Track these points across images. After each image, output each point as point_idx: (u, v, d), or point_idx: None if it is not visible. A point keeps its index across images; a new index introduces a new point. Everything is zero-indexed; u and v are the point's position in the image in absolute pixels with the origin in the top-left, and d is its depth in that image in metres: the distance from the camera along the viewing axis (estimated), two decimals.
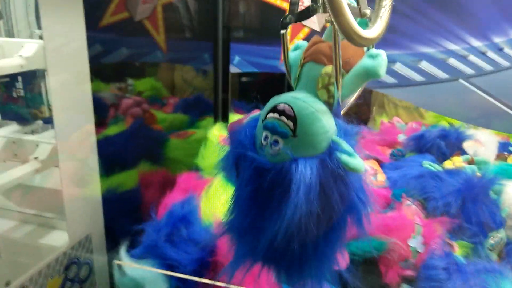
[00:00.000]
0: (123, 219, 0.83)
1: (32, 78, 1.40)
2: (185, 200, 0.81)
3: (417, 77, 1.01)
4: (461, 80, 0.99)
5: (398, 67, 1.01)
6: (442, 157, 1.14)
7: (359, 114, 1.58)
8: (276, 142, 0.44)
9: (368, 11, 0.45)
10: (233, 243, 0.53)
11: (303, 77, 0.48)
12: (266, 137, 0.45)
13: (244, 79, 1.26)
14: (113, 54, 1.27)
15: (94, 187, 0.89)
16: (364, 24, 0.47)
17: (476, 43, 0.96)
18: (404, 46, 0.99)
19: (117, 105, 1.45)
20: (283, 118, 0.44)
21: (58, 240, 0.87)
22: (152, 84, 1.85)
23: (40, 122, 1.15)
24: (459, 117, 1.08)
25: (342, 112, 0.46)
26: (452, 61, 0.98)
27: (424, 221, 0.81)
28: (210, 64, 1.13)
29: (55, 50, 0.82)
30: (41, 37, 1.10)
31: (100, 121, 1.35)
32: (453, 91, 1.00)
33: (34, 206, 1.00)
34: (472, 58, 0.98)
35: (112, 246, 0.79)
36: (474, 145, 1.19)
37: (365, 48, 0.48)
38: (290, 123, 0.43)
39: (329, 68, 0.45)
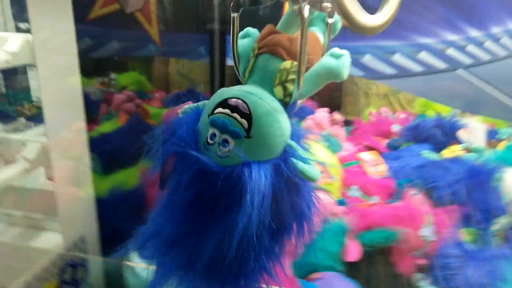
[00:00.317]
0: (128, 218, 0.80)
1: (13, 74, 1.34)
2: None
3: (416, 68, 1.02)
4: (459, 70, 1.00)
5: (397, 58, 1.02)
6: (438, 146, 1.16)
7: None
8: (225, 142, 0.38)
9: (329, 5, 0.41)
10: (157, 254, 0.46)
11: (257, 70, 0.43)
12: (213, 135, 0.39)
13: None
14: (102, 48, 1.23)
15: (87, 186, 0.86)
16: (320, 20, 0.45)
17: (475, 33, 0.98)
18: (403, 36, 0.99)
19: (108, 101, 1.40)
20: (236, 115, 0.38)
21: (52, 242, 0.83)
22: (135, 78, 1.81)
23: (22, 119, 1.10)
24: (456, 106, 1.10)
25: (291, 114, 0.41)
26: (451, 51, 1.00)
27: (432, 210, 0.82)
28: (206, 57, 1.10)
29: (44, 44, 0.78)
30: (26, 31, 1.05)
31: (91, 117, 1.31)
32: (452, 81, 1.01)
33: (25, 208, 0.96)
34: (471, 48, 0.99)
35: (119, 247, 0.76)
36: (468, 134, 1.21)
37: (324, 46, 0.44)
38: (244, 122, 0.38)
39: (288, 64, 0.41)
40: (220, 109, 0.39)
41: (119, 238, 0.77)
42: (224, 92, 0.41)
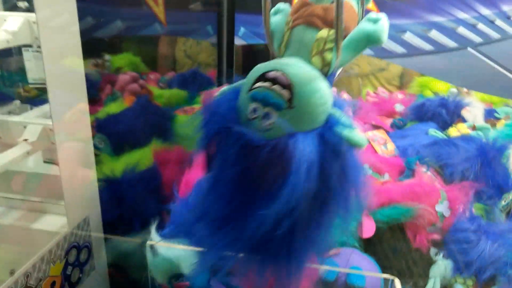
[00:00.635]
0: (145, 198, 0.81)
1: (6, 55, 1.31)
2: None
3: (427, 46, 1.02)
4: (469, 49, 1.01)
5: (408, 36, 1.02)
6: (443, 125, 1.18)
7: None
8: (268, 114, 0.38)
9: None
10: (208, 233, 0.45)
11: (293, 43, 0.42)
12: (255, 110, 0.39)
13: (250, 51, 1.22)
14: (105, 27, 1.20)
15: (90, 167, 0.85)
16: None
17: (485, 11, 0.98)
18: (414, 15, 0.99)
19: (110, 82, 1.38)
20: (276, 87, 0.37)
21: (57, 224, 0.83)
22: (130, 59, 1.78)
23: (17, 102, 1.09)
24: (464, 84, 1.11)
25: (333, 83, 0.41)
26: (462, 29, 1.00)
27: (446, 187, 0.84)
28: (213, 36, 1.09)
29: (47, 23, 0.76)
30: (25, 9, 1.02)
31: (91, 99, 1.29)
32: (462, 59, 1.02)
33: (30, 191, 0.95)
34: (481, 26, 1.00)
35: (141, 228, 0.76)
36: (472, 112, 1.23)
37: (358, 14, 0.44)
38: (286, 93, 0.37)
39: (325, 32, 0.40)
40: (259, 83, 0.38)
41: (135, 217, 0.78)
42: (261, 67, 0.40)
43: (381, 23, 0.39)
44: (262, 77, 0.39)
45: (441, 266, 0.74)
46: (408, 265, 0.76)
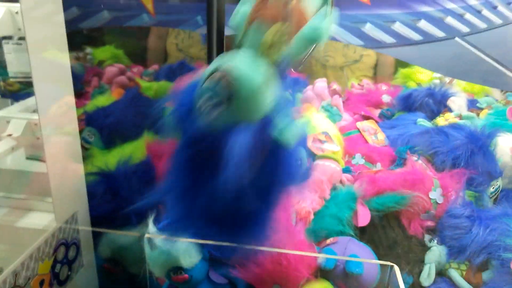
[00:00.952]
0: (140, 192, 0.79)
1: None
2: None
3: (416, 36, 1.04)
4: (457, 39, 1.02)
5: (397, 26, 1.03)
6: (431, 114, 1.20)
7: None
8: (215, 106, 0.43)
9: None
10: (171, 205, 0.57)
11: (250, 36, 0.46)
12: (205, 101, 0.44)
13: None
14: (91, 18, 1.17)
15: (78, 162, 0.84)
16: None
17: (472, 1, 1.00)
18: (403, 5, 1.00)
19: (97, 74, 1.35)
20: (224, 82, 0.43)
21: (45, 221, 0.81)
22: (112, 52, 1.74)
23: None
24: (453, 73, 1.13)
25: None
26: (450, 19, 1.01)
27: (438, 175, 0.85)
28: (203, 27, 1.07)
29: (31, 13, 0.74)
30: None
31: (79, 92, 1.26)
32: (450, 49, 1.04)
33: (13, 188, 0.93)
34: (468, 16, 1.01)
35: (137, 221, 0.75)
36: (457, 102, 1.25)
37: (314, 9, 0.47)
38: (231, 88, 0.42)
39: (277, 26, 0.44)
40: (213, 76, 0.44)
41: (131, 210, 0.77)
42: (218, 61, 0.45)
43: (325, 21, 0.42)
44: (216, 71, 0.44)
45: (436, 252, 0.76)
46: (403, 252, 0.78)
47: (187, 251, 0.71)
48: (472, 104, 1.31)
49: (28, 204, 0.89)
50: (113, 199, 0.77)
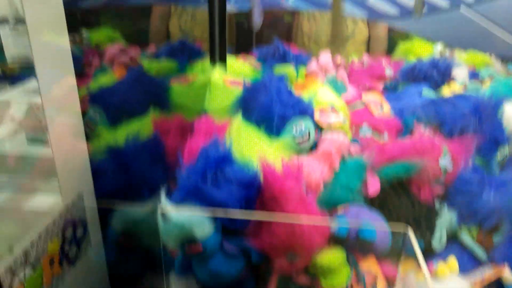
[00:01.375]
0: (151, 167, 0.79)
1: None
2: (215, 141, 0.78)
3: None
4: (462, 8, 1.01)
5: None
6: (435, 85, 1.20)
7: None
8: None
9: None
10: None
11: None
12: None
13: (242, 18, 1.20)
14: None
15: (81, 142, 0.83)
16: None
17: None
18: None
19: (98, 54, 1.34)
20: None
21: (51, 202, 0.82)
22: (109, 34, 1.72)
23: None
24: (457, 43, 1.12)
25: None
26: None
27: (446, 142, 0.86)
28: (204, 4, 1.06)
29: None
30: None
31: (80, 73, 1.25)
32: (454, 19, 1.03)
33: (18, 171, 0.93)
34: None
35: (149, 196, 0.75)
36: (461, 72, 1.25)
37: None
38: None
39: None
40: None
41: (143, 185, 0.77)
42: None
43: None
44: None
45: (447, 218, 0.76)
46: (413, 219, 0.78)
47: (200, 222, 0.71)
48: (474, 76, 1.31)
49: (34, 186, 0.89)
50: (123, 175, 0.77)
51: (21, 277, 0.66)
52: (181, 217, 0.71)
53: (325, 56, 1.20)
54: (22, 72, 1.18)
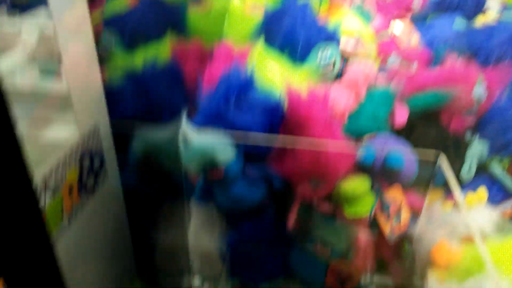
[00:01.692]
0: (170, 91, 0.76)
1: None
2: (237, 67, 0.74)
3: None
4: None
5: None
6: (467, 16, 1.12)
7: None
8: None
9: None
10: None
11: None
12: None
13: None
14: None
15: (95, 74, 0.81)
16: None
17: None
18: None
19: None
20: None
21: (67, 132, 0.81)
22: None
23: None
24: None
25: None
26: None
27: (481, 70, 0.81)
28: None
29: None
30: None
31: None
32: None
33: (35, 102, 0.91)
34: None
35: (169, 119, 0.73)
36: (496, 2, 1.17)
37: None
38: None
39: None
40: None
41: (163, 108, 0.74)
42: None
43: None
44: None
45: (478, 147, 0.73)
46: (442, 149, 0.75)
47: (222, 147, 0.69)
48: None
49: (48, 116, 0.87)
50: (144, 98, 0.74)
51: (41, 203, 0.66)
52: (203, 141, 0.69)
53: None
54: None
